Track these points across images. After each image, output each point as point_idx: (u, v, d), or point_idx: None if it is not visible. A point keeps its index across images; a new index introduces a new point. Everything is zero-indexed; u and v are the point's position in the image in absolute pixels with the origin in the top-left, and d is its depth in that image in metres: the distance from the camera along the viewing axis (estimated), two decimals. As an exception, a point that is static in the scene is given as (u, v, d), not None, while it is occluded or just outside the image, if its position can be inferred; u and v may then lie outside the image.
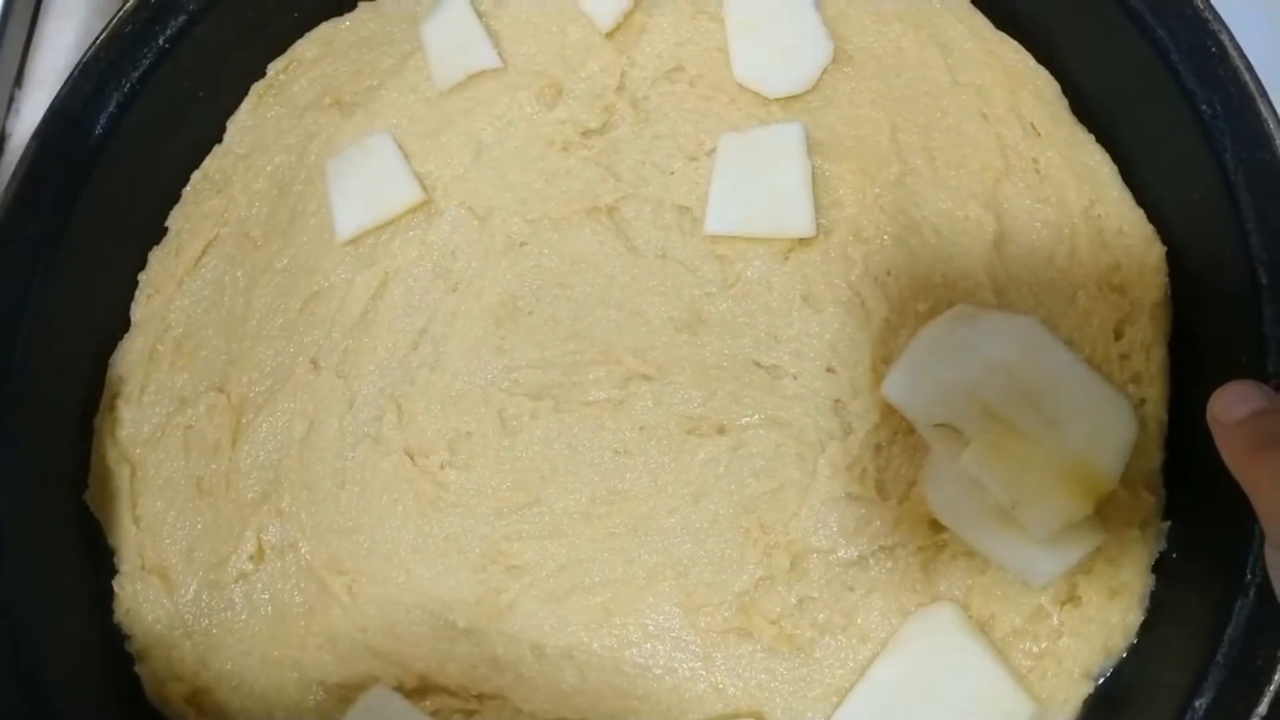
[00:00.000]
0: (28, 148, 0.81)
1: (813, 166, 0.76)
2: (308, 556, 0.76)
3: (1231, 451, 0.54)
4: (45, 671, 0.72)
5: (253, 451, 0.79)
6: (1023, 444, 0.66)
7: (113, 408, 0.83)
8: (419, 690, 0.72)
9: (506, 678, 0.71)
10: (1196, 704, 0.57)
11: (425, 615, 0.73)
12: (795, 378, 0.73)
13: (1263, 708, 0.54)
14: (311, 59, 0.89)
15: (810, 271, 0.75)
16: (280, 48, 0.89)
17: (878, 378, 0.71)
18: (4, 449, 0.77)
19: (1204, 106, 0.65)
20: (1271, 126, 0.62)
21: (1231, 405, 0.55)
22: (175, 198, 0.88)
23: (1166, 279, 0.70)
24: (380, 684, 0.72)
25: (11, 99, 1.01)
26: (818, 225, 0.75)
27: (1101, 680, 0.65)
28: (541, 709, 0.69)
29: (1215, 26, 0.64)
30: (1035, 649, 0.65)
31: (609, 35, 0.81)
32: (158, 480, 0.81)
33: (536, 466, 0.75)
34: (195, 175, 0.89)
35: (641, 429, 0.74)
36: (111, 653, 0.77)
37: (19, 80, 1.01)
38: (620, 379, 0.75)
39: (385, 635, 0.73)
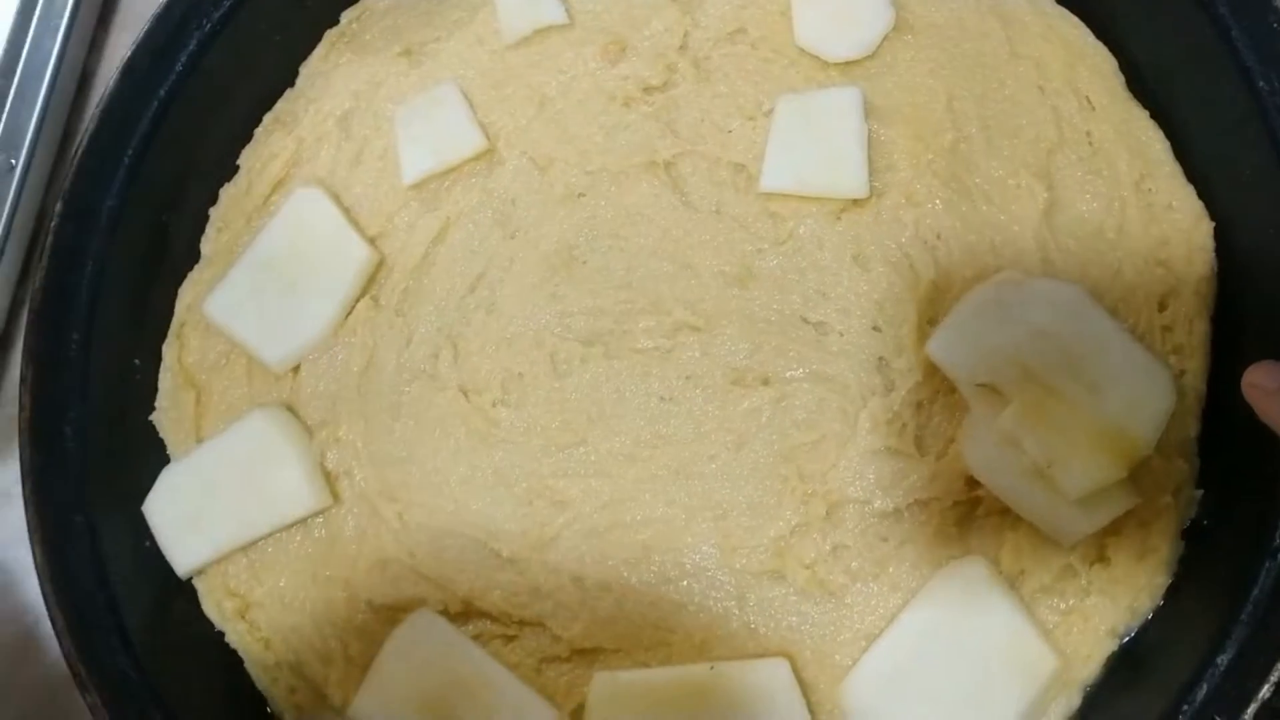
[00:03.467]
0: (111, 81, 0.84)
1: (868, 130, 0.78)
2: (362, 483, 0.79)
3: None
4: (111, 577, 0.76)
5: (313, 381, 0.83)
6: (1062, 407, 0.68)
7: (180, 335, 0.87)
8: (462, 614, 0.75)
9: (546, 606, 0.73)
10: (1219, 660, 0.59)
11: (472, 544, 0.76)
12: (841, 334, 0.75)
13: (1265, 690, 0.55)
14: (383, 9, 0.92)
15: (861, 232, 0.76)
16: (355, -3, 0.92)
17: (922, 338, 0.73)
18: (81, 369, 0.81)
19: (1261, 83, 0.66)
20: (1328, 105, 0.63)
21: (1271, 374, 0.57)
22: (247, 137, 0.92)
23: (1213, 255, 0.71)
24: (425, 607, 0.75)
25: (93, 39, 1.05)
26: (871, 188, 0.77)
27: (1126, 639, 0.66)
28: (578, 636, 0.72)
29: (1277, 3, 0.65)
30: (1063, 606, 0.67)
31: (675, -5, 0.84)
32: (221, 405, 0.84)
33: (584, 408, 0.77)
34: (267, 116, 0.92)
35: (688, 378, 0.76)
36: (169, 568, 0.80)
37: (103, 21, 1.05)
38: (669, 329, 0.77)
39: (433, 561, 0.76)
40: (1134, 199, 0.74)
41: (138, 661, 0.73)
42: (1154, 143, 0.75)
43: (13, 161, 0.98)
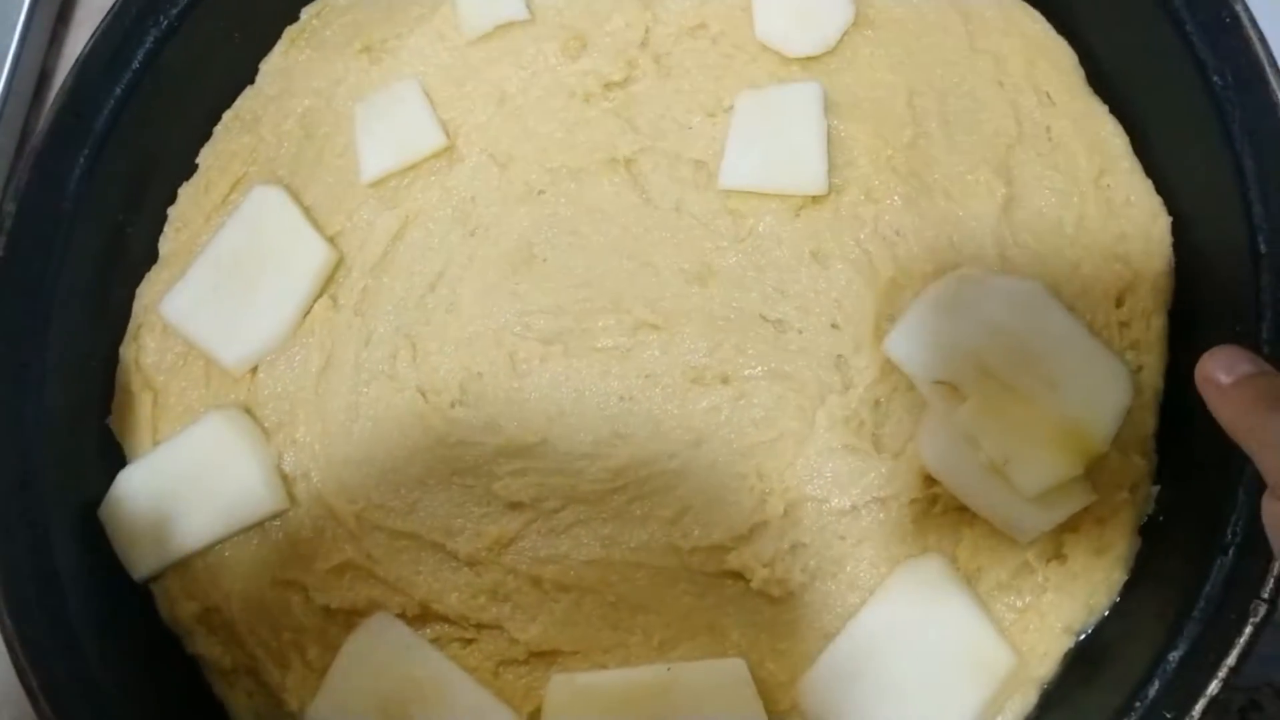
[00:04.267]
0: (65, 79, 0.83)
1: (828, 127, 0.77)
2: (319, 485, 0.78)
3: (1231, 411, 0.55)
4: (64, 583, 0.75)
5: (270, 383, 0.82)
6: (1019, 403, 0.67)
7: (138, 336, 0.86)
8: (419, 618, 0.74)
9: (504, 609, 0.73)
10: (1170, 657, 0.58)
11: (429, 546, 0.75)
12: (800, 332, 0.74)
13: (1232, 659, 0.55)
14: (344, 5, 0.91)
15: (820, 228, 0.76)
16: (315, -7, 0.91)
17: (880, 335, 0.73)
18: (37, 369, 0.80)
19: (1215, 78, 0.66)
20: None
21: (1225, 367, 0.57)
22: (207, 135, 0.91)
23: (1171, 249, 0.71)
24: (383, 610, 0.74)
25: (53, 36, 1.04)
26: (830, 184, 0.76)
27: (1082, 636, 0.66)
28: (536, 639, 0.72)
29: (1231, -1, 0.65)
30: (1019, 603, 0.67)
31: (635, -10, 0.83)
32: (179, 407, 0.83)
33: (544, 408, 0.77)
34: (227, 114, 0.91)
35: (647, 376, 0.76)
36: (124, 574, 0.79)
37: (63, 18, 1.04)
38: (629, 327, 0.77)
39: (390, 563, 0.75)
40: (1093, 194, 0.73)
41: (90, 670, 0.72)
42: (1113, 138, 0.74)
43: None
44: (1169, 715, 0.56)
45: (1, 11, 0.99)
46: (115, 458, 0.83)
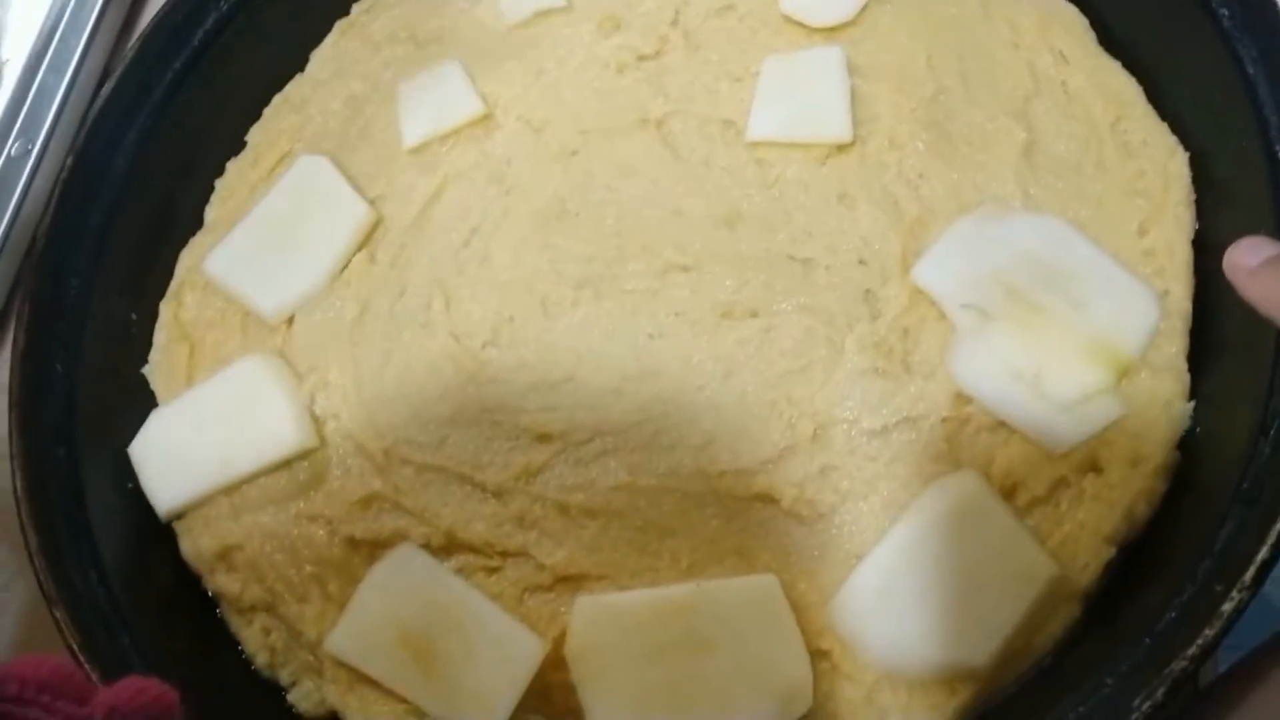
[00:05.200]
0: (129, 50, 0.89)
1: (851, 86, 0.80)
2: (349, 424, 0.79)
3: (1260, 289, 0.56)
4: (90, 510, 0.75)
5: (305, 331, 0.83)
6: (1048, 322, 0.68)
7: (179, 294, 0.88)
8: (445, 548, 0.73)
9: (530, 535, 0.72)
10: (1219, 535, 0.57)
11: (457, 478, 0.75)
12: (827, 269, 0.76)
13: (1264, 552, 0.53)
14: (393, 1, 0.97)
15: (846, 174, 0.78)
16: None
17: (906, 269, 0.74)
18: (77, 316, 0.82)
19: (1222, 10, 0.69)
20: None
21: (1251, 252, 0.58)
22: (256, 116, 0.95)
23: (1190, 182, 0.73)
24: (408, 541, 0.73)
25: (115, 44, 1.10)
26: (855, 135, 0.79)
27: (1123, 546, 0.64)
28: (562, 563, 0.70)
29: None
30: (1057, 515, 0.65)
31: (667, -25, 0.88)
32: (214, 358, 0.85)
33: (573, 347, 0.77)
34: (276, 98, 0.96)
35: (677, 314, 0.77)
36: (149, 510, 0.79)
37: (127, 27, 1.11)
38: (659, 270, 0.78)
39: (417, 495, 0.75)
40: (1110, 138, 0.76)
41: (110, 590, 0.71)
42: (1127, 88, 0.77)
43: (29, 148, 1.02)
44: (1219, 588, 0.54)
45: (73, 17, 1.06)
46: (149, 407, 0.84)
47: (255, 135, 0.94)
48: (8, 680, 0.40)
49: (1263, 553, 0.53)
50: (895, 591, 0.64)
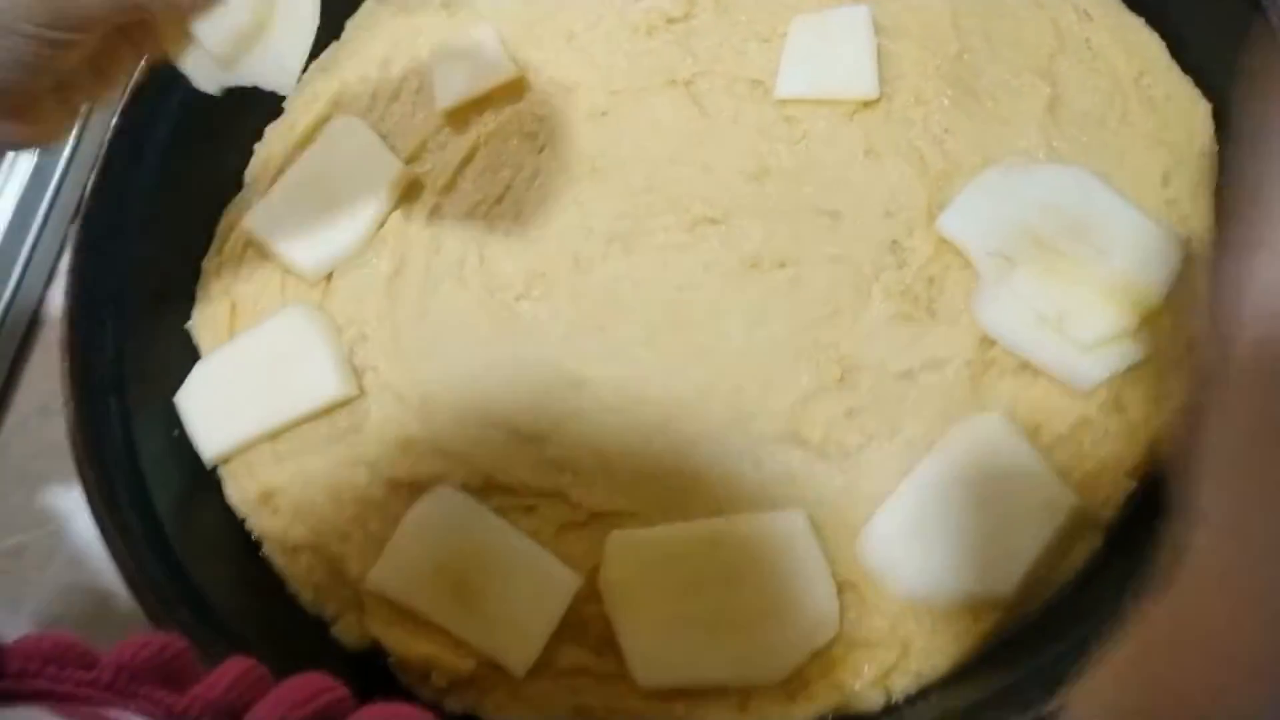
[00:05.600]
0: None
1: (877, 45, 0.82)
2: (387, 374, 0.81)
3: None
4: (140, 456, 0.78)
5: (344, 287, 0.86)
6: (1072, 267, 0.70)
7: (220, 251, 0.91)
8: (482, 489, 0.75)
9: (565, 478, 0.74)
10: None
11: (494, 423, 0.77)
12: (854, 221, 0.77)
13: None
14: (426, -28, 1.00)
15: (873, 130, 0.80)
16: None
17: (932, 220, 0.75)
18: (122, 272, 0.85)
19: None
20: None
21: None
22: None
23: (1213, 134, 0.74)
24: (446, 482, 0.75)
25: None
26: (881, 93, 0.80)
27: (1144, 481, 0.66)
28: (597, 501, 0.72)
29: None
30: (1080, 452, 0.67)
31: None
32: (255, 311, 0.87)
33: (604, 299, 0.79)
34: (313, 64, 0.98)
35: (705, 267, 0.79)
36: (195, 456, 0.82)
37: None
38: (688, 224, 0.80)
39: (455, 439, 0.77)
40: (1134, 92, 0.77)
41: (159, 528, 0.74)
42: (1150, 44, 0.79)
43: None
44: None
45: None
46: (194, 360, 0.86)
47: (292, 101, 0.97)
48: (10, 658, 0.39)
49: None
50: (921, 525, 0.66)
